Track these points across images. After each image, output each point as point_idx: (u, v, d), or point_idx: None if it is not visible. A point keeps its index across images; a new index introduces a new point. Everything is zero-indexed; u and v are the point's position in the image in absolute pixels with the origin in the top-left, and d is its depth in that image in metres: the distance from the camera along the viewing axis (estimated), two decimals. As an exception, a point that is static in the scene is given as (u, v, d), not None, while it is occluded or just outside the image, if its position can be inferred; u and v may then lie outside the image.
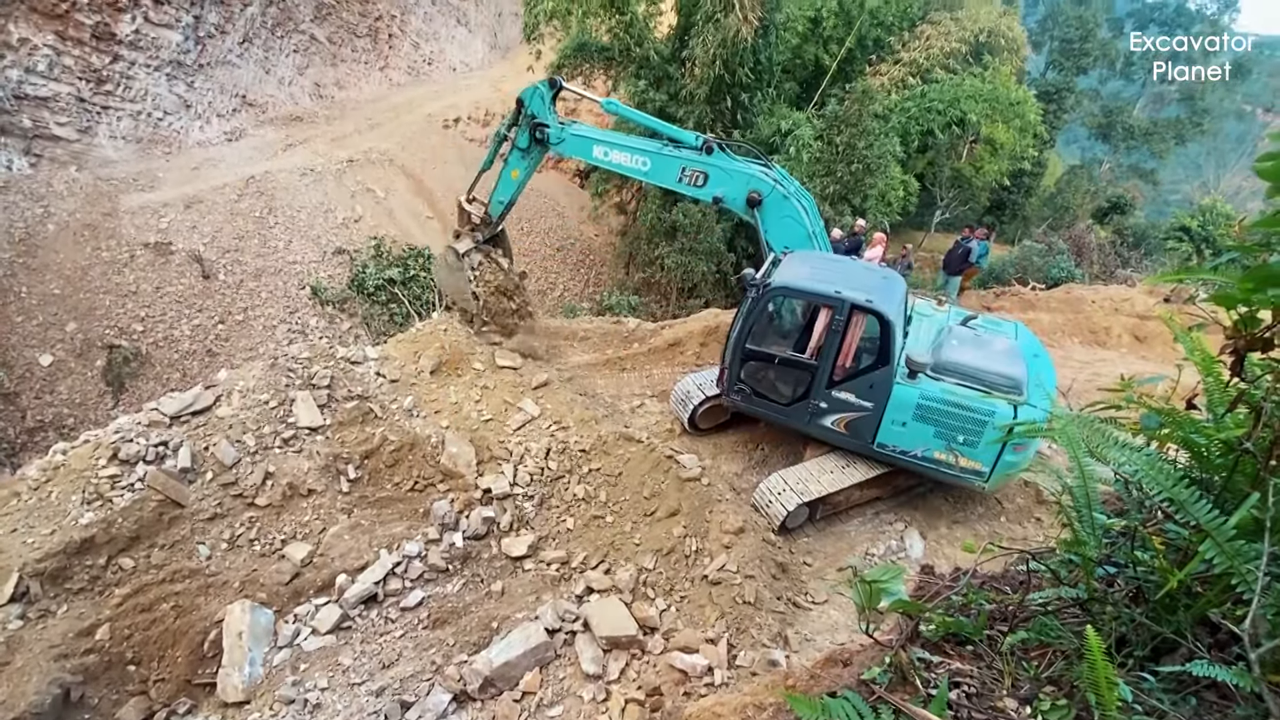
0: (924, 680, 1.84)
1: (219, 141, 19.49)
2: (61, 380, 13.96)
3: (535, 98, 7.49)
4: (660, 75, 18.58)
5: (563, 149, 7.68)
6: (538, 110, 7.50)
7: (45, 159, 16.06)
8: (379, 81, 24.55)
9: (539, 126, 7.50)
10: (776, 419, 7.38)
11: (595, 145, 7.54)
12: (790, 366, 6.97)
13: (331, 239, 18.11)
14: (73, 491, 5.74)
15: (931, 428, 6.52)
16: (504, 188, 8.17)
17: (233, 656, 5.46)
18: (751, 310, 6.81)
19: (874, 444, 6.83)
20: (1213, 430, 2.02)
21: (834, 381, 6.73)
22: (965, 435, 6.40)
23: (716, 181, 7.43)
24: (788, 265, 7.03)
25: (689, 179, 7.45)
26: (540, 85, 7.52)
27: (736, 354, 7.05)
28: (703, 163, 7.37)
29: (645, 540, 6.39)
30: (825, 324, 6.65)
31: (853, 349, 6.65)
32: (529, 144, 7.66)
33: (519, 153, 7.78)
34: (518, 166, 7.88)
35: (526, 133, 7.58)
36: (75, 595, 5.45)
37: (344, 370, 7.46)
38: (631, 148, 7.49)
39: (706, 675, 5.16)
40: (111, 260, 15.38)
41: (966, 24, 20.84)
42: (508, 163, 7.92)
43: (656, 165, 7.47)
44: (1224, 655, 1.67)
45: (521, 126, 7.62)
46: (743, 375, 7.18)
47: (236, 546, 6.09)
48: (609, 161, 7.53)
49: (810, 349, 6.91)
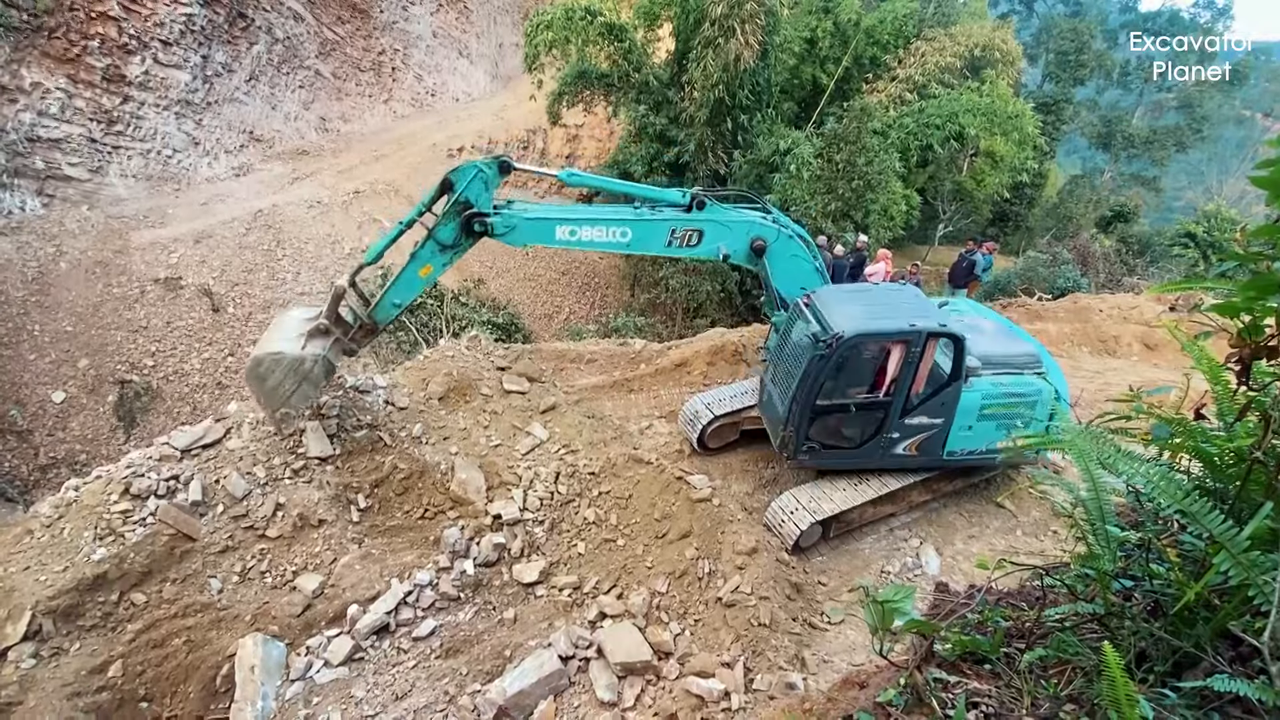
0: (941, 701, 1.81)
1: (227, 177, 19.81)
2: (74, 416, 14.07)
3: (475, 182, 5.89)
4: (660, 100, 18.82)
5: (513, 239, 6.19)
6: (476, 198, 5.93)
7: (58, 199, 16.35)
8: (383, 114, 24.95)
9: (476, 218, 5.97)
10: (849, 464, 7.16)
11: (557, 226, 6.26)
12: (863, 409, 6.75)
13: (339, 270, 18.27)
14: (85, 528, 5.76)
15: (993, 422, 6.89)
16: (405, 287, 6.33)
17: (245, 691, 5.42)
18: (823, 367, 6.35)
19: (944, 455, 7.05)
20: (1224, 439, 2.00)
21: (907, 410, 6.74)
22: (1022, 419, 6.92)
23: (714, 237, 6.75)
24: (832, 311, 6.52)
25: (680, 240, 6.63)
26: (484, 166, 5.91)
27: (805, 413, 6.57)
28: (695, 220, 6.58)
29: (657, 563, 6.35)
30: (900, 358, 6.49)
31: (926, 375, 6.66)
32: (456, 237, 6.05)
33: (437, 247, 6.07)
34: (432, 263, 6.16)
35: (455, 224, 5.97)
36: (88, 632, 5.45)
37: (353, 399, 7.50)
38: (605, 220, 6.37)
39: (723, 700, 5.09)
40: (123, 296, 15.57)
41: (961, 39, 21.05)
42: (416, 256, 6.17)
43: (640, 233, 6.48)
44: (1246, 669, 1.64)
45: (447, 216, 5.97)
46: (811, 433, 6.76)
47: (248, 579, 6.09)
48: (579, 241, 6.36)
49: (886, 385, 6.69)
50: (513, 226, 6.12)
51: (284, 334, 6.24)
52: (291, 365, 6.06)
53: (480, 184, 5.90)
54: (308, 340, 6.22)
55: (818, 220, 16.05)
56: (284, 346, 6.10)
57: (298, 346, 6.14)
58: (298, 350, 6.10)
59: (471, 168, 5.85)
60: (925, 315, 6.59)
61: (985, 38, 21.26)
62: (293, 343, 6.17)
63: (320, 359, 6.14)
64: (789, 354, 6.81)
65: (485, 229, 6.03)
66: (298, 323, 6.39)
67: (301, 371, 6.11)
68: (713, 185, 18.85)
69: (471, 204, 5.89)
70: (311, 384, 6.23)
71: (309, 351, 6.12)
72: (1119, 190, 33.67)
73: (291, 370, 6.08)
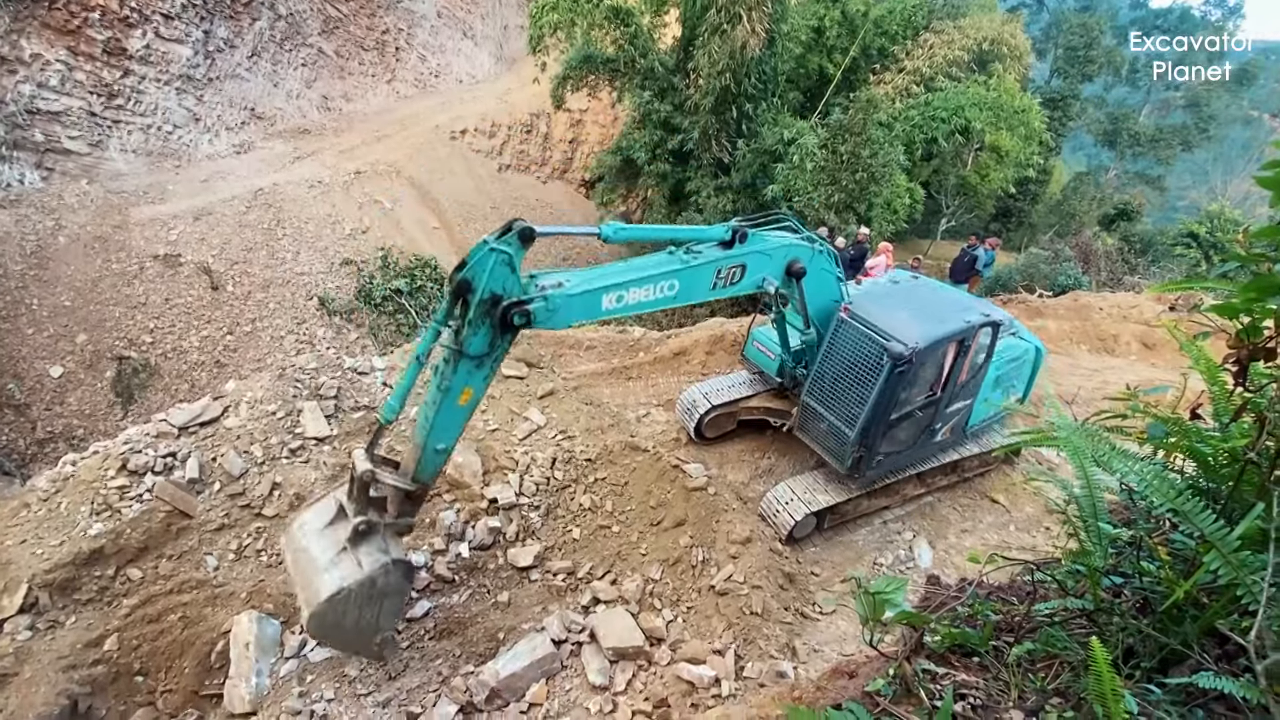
0: (929, 692, 1.83)
1: (228, 154, 19.69)
2: (71, 391, 14.07)
3: (497, 268, 4.32)
4: (665, 86, 18.70)
5: (556, 322, 4.84)
6: (503, 286, 4.40)
7: (57, 172, 16.26)
8: (386, 94, 24.78)
9: (515, 308, 4.46)
10: (902, 464, 7.22)
11: (603, 296, 5.06)
12: (924, 409, 6.77)
13: (339, 250, 18.24)
14: (82, 503, 5.77)
15: (1000, 389, 7.32)
16: (447, 427, 4.80)
17: (240, 668, 5.46)
18: (901, 381, 6.22)
19: (966, 431, 7.44)
20: (1218, 440, 2.01)
21: (952, 399, 6.90)
22: (1017, 379, 7.60)
23: (757, 269, 6.09)
24: (884, 320, 6.36)
25: (725, 280, 5.91)
26: (502, 246, 4.30)
27: (879, 430, 6.45)
28: (737, 256, 5.88)
29: (652, 550, 6.38)
30: (955, 353, 6.56)
31: (969, 363, 6.76)
32: (491, 341, 4.55)
33: (471, 364, 4.54)
34: (471, 384, 4.65)
35: (487, 328, 4.45)
36: (84, 606, 5.48)
37: (351, 381, 7.50)
38: (649, 277, 5.34)
39: (714, 687, 5.14)
40: (121, 272, 15.53)
41: (970, 32, 20.88)
42: (449, 384, 4.56)
43: (686, 282, 5.62)
44: (1232, 667, 1.66)
45: (475, 323, 4.39)
46: (882, 446, 6.66)
47: (244, 557, 6.11)
48: (625, 306, 5.25)
49: (943, 382, 6.74)
50: (555, 309, 4.76)
51: (320, 564, 4.78)
52: (362, 594, 4.73)
53: (504, 268, 4.34)
54: (354, 552, 4.78)
55: (820, 211, 16.00)
56: (338, 579, 4.65)
57: (352, 568, 4.72)
58: (357, 573, 4.68)
59: (486, 254, 4.28)
60: (967, 307, 6.77)
61: (994, 31, 21.10)
62: (341, 568, 4.74)
63: (387, 565, 4.72)
64: (844, 371, 6.54)
65: (527, 319, 4.54)
66: (322, 540, 4.90)
67: (376, 592, 4.78)
68: (716, 175, 18.78)
69: (501, 295, 4.41)
70: (395, 594, 4.96)
71: (368, 565, 4.71)
72: (1123, 188, 33.58)
73: (365, 598, 4.76)
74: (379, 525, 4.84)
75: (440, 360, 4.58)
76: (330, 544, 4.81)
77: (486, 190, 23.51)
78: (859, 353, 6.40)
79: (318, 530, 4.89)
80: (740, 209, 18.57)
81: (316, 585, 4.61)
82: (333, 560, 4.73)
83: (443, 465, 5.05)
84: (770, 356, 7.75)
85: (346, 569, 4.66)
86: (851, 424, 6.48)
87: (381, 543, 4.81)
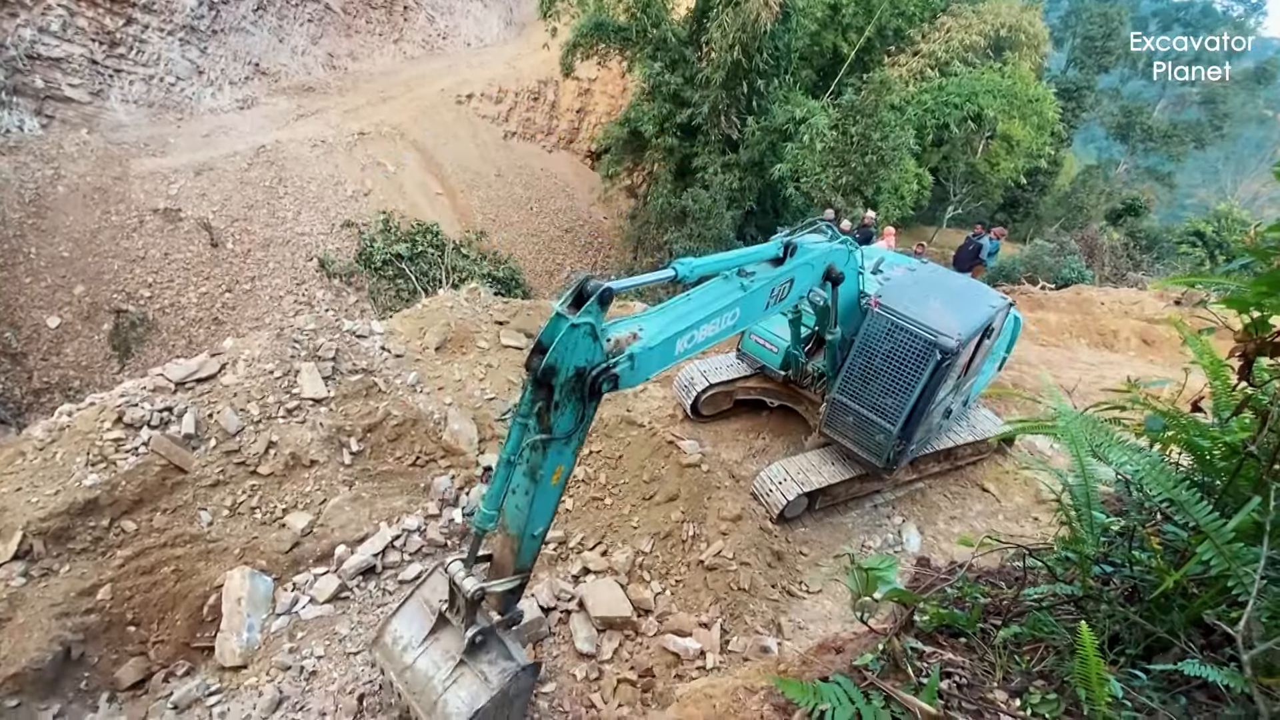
0: (916, 669, 1.85)
1: (230, 109, 19.42)
2: (68, 343, 14.04)
3: (582, 342, 3.81)
4: (676, 58, 18.41)
5: (634, 379, 4.38)
6: (588, 356, 3.90)
7: (56, 120, 16.04)
8: (393, 54, 24.39)
9: (602, 375, 3.98)
10: (921, 451, 7.32)
11: (676, 341, 4.70)
12: (950, 396, 6.84)
13: (340, 211, 18.09)
14: (77, 453, 5.78)
15: (991, 359, 7.66)
16: (544, 509, 4.44)
17: (231, 622, 5.52)
18: (941, 375, 6.16)
19: (967, 405, 7.81)
20: (1217, 433, 2.01)
21: (968, 381, 7.10)
22: (1002, 349, 7.98)
23: (803, 280, 5.90)
24: (916, 312, 6.27)
25: (776, 297, 5.71)
26: (583, 319, 3.71)
27: (919, 419, 6.41)
28: (789, 270, 5.68)
29: (643, 524, 6.43)
30: (980, 339, 6.61)
31: (988, 347, 6.94)
32: (579, 415, 4.12)
33: (561, 443, 4.09)
34: (562, 461, 4.26)
35: (573, 404, 4.02)
36: (78, 555, 5.51)
37: (349, 343, 7.48)
38: (714, 312, 5.04)
39: (699, 659, 5.21)
40: (120, 225, 15.40)
41: (988, 17, 20.56)
42: (542, 471, 4.13)
43: (746, 308, 5.39)
44: (1216, 656, 1.68)
45: (561, 405, 3.94)
46: (917, 436, 6.63)
47: (238, 513, 6.15)
48: (695, 346, 4.98)
49: (968, 368, 6.88)
50: (638, 367, 4.36)
51: (439, 684, 4.42)
52: (496, 709, 4.43)
53: (587, 340, 3.83)
54: (474, 665, 4.42)
55: (827, 193, 15.87)
56: (470, 703, 4.30)
57: (478, 685, 4.37)
58: (486, 690, 4.35)
59: (569, 332, 3.69)
60: (986, 294, 6.84)
61: (1013, 17, 20.78)
62: (466, 686, 4.39)
63: (516, 673, 4.40)
64: (881, 367, 6.41)
65: (614, 384, 4.12)
66: (430, 656, 4.52)
67: (509, 699, 4.52)
68: (724, 151, 18.58)
69: (585, 367, 3.93)
70: (525, 693, 4.74)
71: (496, 678, 4.38)
72: (1133, 183, 33.32)
73: (498, 710, 4.47)
74: (495, 629, 4.48)
75: (526, 449, 4.08)
76: (440, 657, 4.45)
77: (491, 157, 23.26)
78: (897, 347, 6.26)
79: (418, 644, 4.54)
80: (747, 187, 18.41)
81: (446, 710, 4.28)
82: (452, 677, 4.37)
83: (540, 548, 4.69)
84: (771, 350, 7.68)
85: (473, 687, 4.33)
86: (892, 418, 6.40)
87: (501, 648, 4.48)
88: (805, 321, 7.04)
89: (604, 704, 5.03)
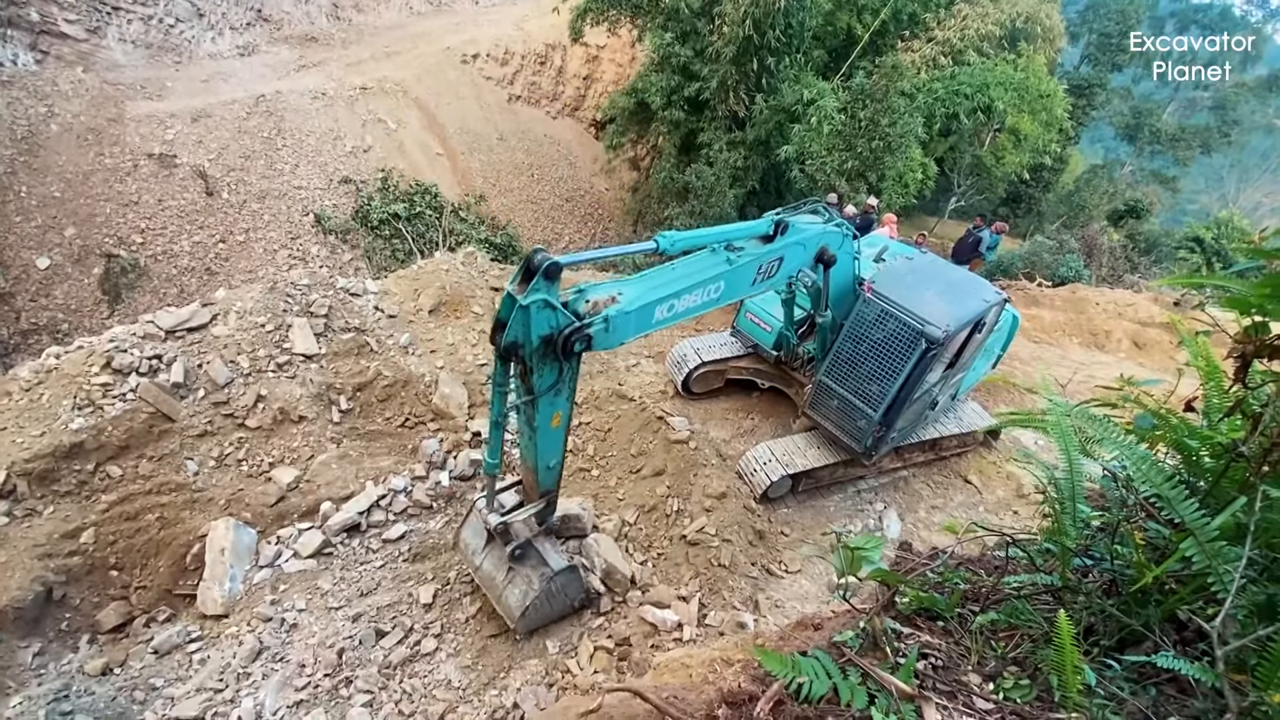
0: (894, 649, 1.88)
1: (231, 55, 19.00)
2: (58, 285, 13.86)
3: (540, 315, 4.07)
4: (688, 29, 18.08)
5: (611, 341, 4.63)
6: (552, 324, 4.17)
7: (51, 56, 15.65)
8: (399, 8, 23.86)
9: (574, 335, 4.26)
10: (905, 439, 7.34)
11: (655, 308, 4.91)
12: (935, 387, 6.83)
13: (339, 167, 17.82)
14: (64, 396, 5.74)
15: (985, 356, 7.73)
16: (550, 446, 4.85)
17: (214, 571, 5.55)
18: (926, 364, 6.19)
19: (956, 399, 7.86)
20: (1207, 434, 2.02)
21: (956, 373, 7.10)
22: (997, 346, 8.05)
23: (793, 260, 5.94)
24: (910, 301, 6.27)
25: (764, 274, 5.77)
26: (531, 298, 3.96)
27: (902, 408, 6.44)
28: (777, 249, 5.71)
29: (629, 496, 6.47)
30: (969, 332, 6.59)
31: (979, 341, 6.95)
32: (559, 371, 4.40)
33: (547, 396, 4.45)
34: (556, 408, 4.62)
35: (553, 364, 4.35)
36: (62, 498, 5.50)
37: (342, 301, 7.42)
38: (697, 283, 5.16)
39: (676, 631, 5.28)
40: (114, 168, 15.12)
41: (1005, 7, 20.23)
42: (537, 422, 4.60)
43: (730, 283, 5.48)
44: (1189, 651, 1.70)
45: (540, 368, 4.30)
46: (900, 423, 6.68)
47: (224, 465, 6.14)
48: (675, 315, 5.13)
49: (956, 359, 6.85)
50: (614, 329, 4.59)
51: (499, 584, 5.29)
52: (545, 599, 5.25)
53: (544, 312, 4.08)
54: (520, 570, 5.23)
55: (831, 177, 15.74)
56: (520, 599, 5.17)
57: (526, 585, 5.19)
58: (532, 589, 5.16)
59: (516, 310, 3.97)
60: (981, 288, 6.77)
61: (1030, 9, 20.46)
62: (518, 585, 5.22)
63: (550, 574, 5.16)
64: (868, 352, 6.45)
65: (588, 343, 4.36)
66: (490, 561, 5.36)
67: (555, 591, 5.30)
68: (730, 129, 18.36)
69: (552, 333, 4.21)
70: (574, 583, 5.45)
71: (538, 581, 5.17)
72: (1136, 185, 33.20)
73: (548, 599, 5.30)
74: (529, 541, 5.26)
75: (521, 407, 4.45)
76: (498, 562, 5.29)
77: (494, 120, 22.90)
78: (885, 334, 6.30)
79: (481, 550, 5.40)
80: (751, 166, 18.22)
81: (507, 605, 5.24)
82: (508, 579, 5.26)
83: (560, 472, 5.23)
84: (765, 329, 7.68)
85: (522, 586, 5.21)
86: (874, 404, 6.46)
87: (538, 556, 5.28)
88: (800, 303, 7.00)
89: (579, 670, 5.11)
